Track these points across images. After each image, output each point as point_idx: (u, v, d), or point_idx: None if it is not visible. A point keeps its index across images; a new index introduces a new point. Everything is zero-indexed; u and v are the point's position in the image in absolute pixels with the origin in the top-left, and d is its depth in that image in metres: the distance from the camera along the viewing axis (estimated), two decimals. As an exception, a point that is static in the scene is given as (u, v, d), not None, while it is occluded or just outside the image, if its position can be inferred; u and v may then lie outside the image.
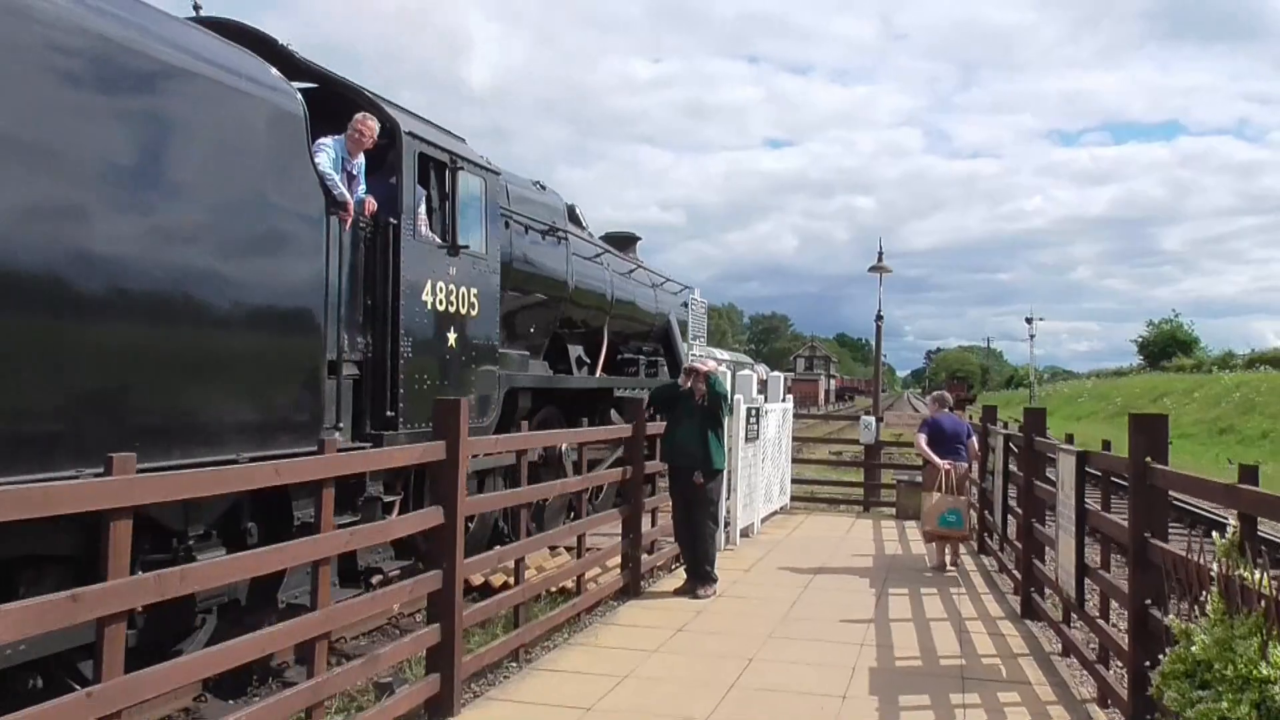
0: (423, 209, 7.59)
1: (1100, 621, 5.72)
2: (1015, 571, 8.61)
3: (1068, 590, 6.09)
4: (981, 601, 8.32)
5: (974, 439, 10.44)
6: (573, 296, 10.67)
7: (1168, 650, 4.28)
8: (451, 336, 7.74)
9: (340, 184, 6.43)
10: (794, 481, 14.53)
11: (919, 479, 11.60)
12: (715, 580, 8.14)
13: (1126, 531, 4.97)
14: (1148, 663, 4.66)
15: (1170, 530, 5.30)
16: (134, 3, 5.03)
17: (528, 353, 9.74)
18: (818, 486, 15.73)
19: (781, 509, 13.70)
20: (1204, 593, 3.79)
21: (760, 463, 11.84)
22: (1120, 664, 5.42)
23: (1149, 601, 4.68)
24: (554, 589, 7.58)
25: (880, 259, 15.79)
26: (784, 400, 13.88)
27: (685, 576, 8.31)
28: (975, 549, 10.91)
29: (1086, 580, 5.90)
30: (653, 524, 9.10)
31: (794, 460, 14.65)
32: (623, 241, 13.79)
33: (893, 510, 13.62)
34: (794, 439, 15.45)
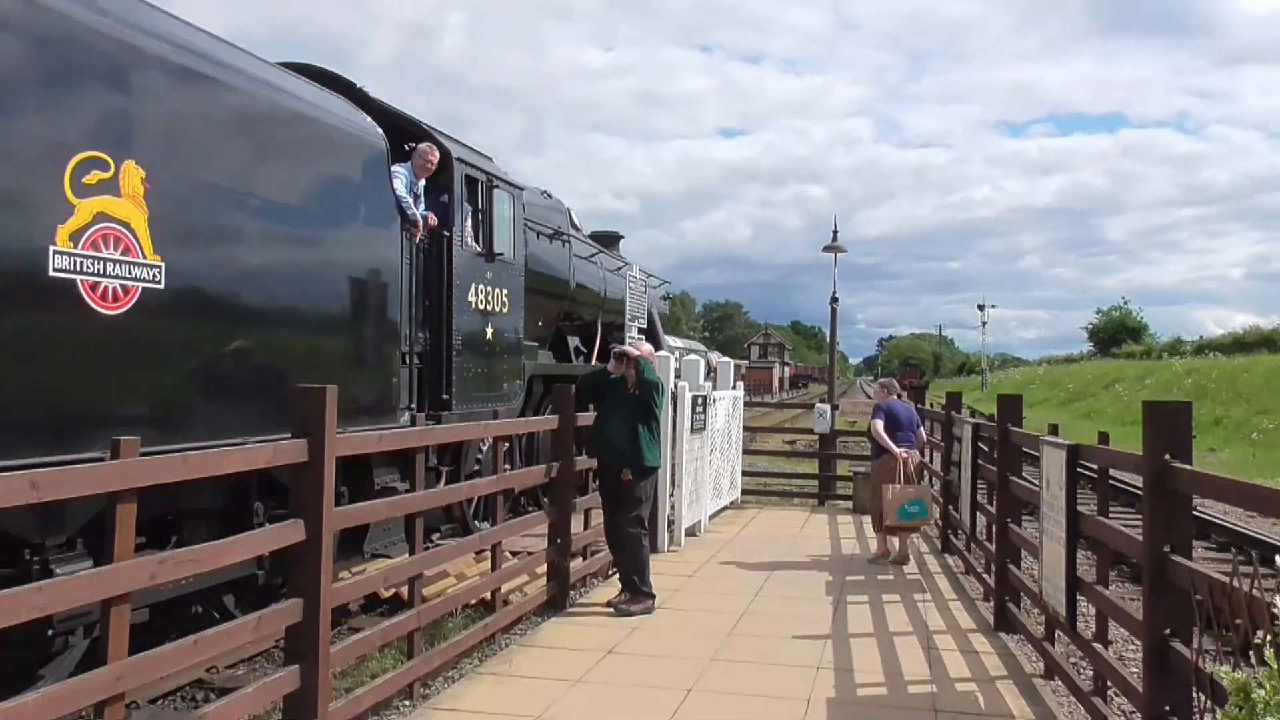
0: (468, 223, 8.85)
1: (1098, 647, 4.86)
2: (986, 576, 7.78)
3: (1055, 606, 5.23)
4: (950, 610, 7.47)
5: (922, 428, 10.00)
6: (574, 294, 12.12)
7: (1199, 696, 3.45)
8: (489, 331, 9.08)
9: (411, 205, 7.72)
10: (745, 474, 13.66)
11: (868, 469, 10.76)
12: (650, 596, 7.17)
13: (1138, 545, 4.10)
14: (1167, 707, 3.80)
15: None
16: (284, 72, 6.71)
17: (537, 343, 10.59)
18: (770, 479, 14.88)
19: (732, 504, 12.82)
20: (1263, 634, 2.91)
21: (708, 455, 10.93)
22: (1124, 698, 4.57)
23: (1169, 632, 3.81)
24: (473, 603, 6.61)
25: (835, 238, 14.96)
26: (734, 388, 12.98)
27: (620, 586, 7.37)
28: (939, 547, 10.09)
29: (1080, 597, 5.04)
30: (585, 526, 8.15)
31: (745, 451, 13.77)
32: (608, 239, 14.99)
33: (849, 504, 12.79)
34: (745, 429, 14.59)
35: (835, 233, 15.12)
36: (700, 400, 10.37)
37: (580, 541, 7.99)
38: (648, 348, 7.61)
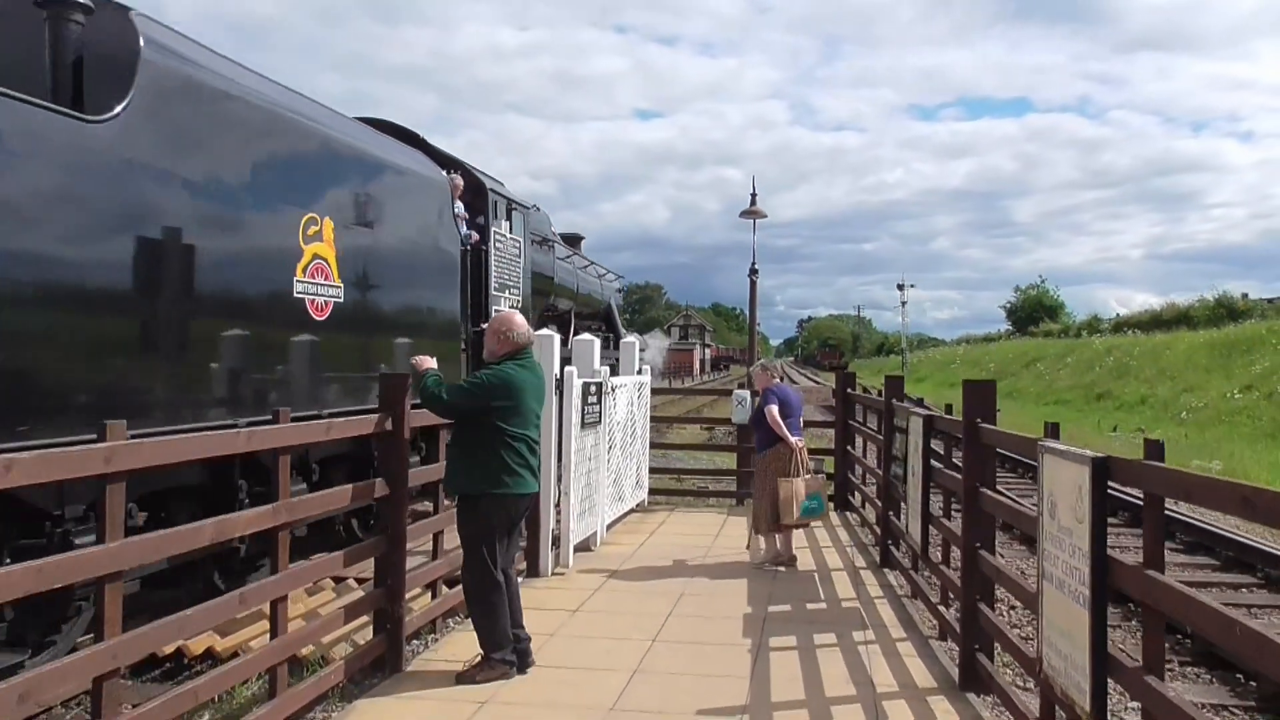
0: (497, 240, 10.93)
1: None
2: (942, 609, 6.18)
3: (1068, 689, 3.59)
4: (900, 657, 5.83)
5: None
6: (555, 289, 14.33)
7: None
8: None
9: (464, 227, 10.23)
10: (653, 471, 11.95)
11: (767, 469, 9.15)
12: (505, 664, 5.34)
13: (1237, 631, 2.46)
14: None
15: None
16: (396, 143, 9.54)
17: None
18: (684, 475, 13.19)
19: (638, 506, 11.10)
20: None
21: (605, 453, 9.17)
22: None
23: None
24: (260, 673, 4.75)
25: (754, 201, 13.33)
26: (640, 372, 11.23)
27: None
28: (877, 560, 8.50)
29: (1114, 685, 3.40)
30: (436, 554, 6.32)
31: (653, 445, 12.04)
32: (573, 240, 17.39)
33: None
34: (654, 419, 12.89)
35: (754, 195, 13.48)
36: (594, 389, 8.60)
37: (429, 575, 6.18)
38: (431, 363, 5.67)
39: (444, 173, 10.07)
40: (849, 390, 11.37)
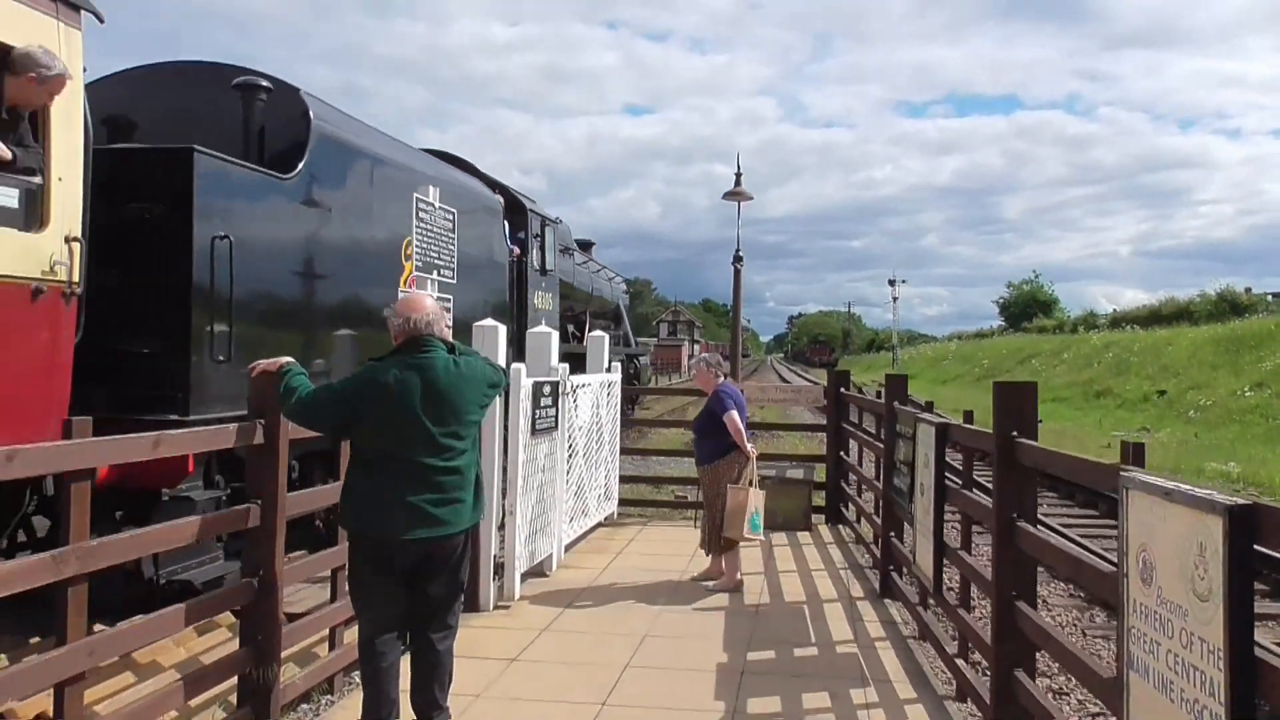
0: (535, 251, 12.86)
1: None
2: (963, 667, 5.00)
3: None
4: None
5: None
6: (573, 292, 15.66)
7: None
8: (543, 322, 12.20)
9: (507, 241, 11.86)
10: (626, 480, 10.75)
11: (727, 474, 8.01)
12: None
13: None
14: None
15: None
16: (461, 172, 11.15)
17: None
18: (660, 484, 11.98)
19: (606, 520, 9.91)
20: None
21: (564, 463, 7.97)
22: None
23: None
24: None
25: (739, 182, 12.15)
26: (608, 369, 10.02)
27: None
28: (875, 589, 7.32)
29: None
30: (333, 598, 5.10)
31: (624, 451, 10.83)
32: (585, 245, 18.63)
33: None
34: (632, 422, 11.69)
35: (738, 175, 12.28)
36: (548, 390, 7.39)
37: (324, 621, 4.98)
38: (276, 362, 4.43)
39: (496, 195, 11.74)
40: (842, 390, 10.18)
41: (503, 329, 6.71)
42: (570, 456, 8.29)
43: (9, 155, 4.41)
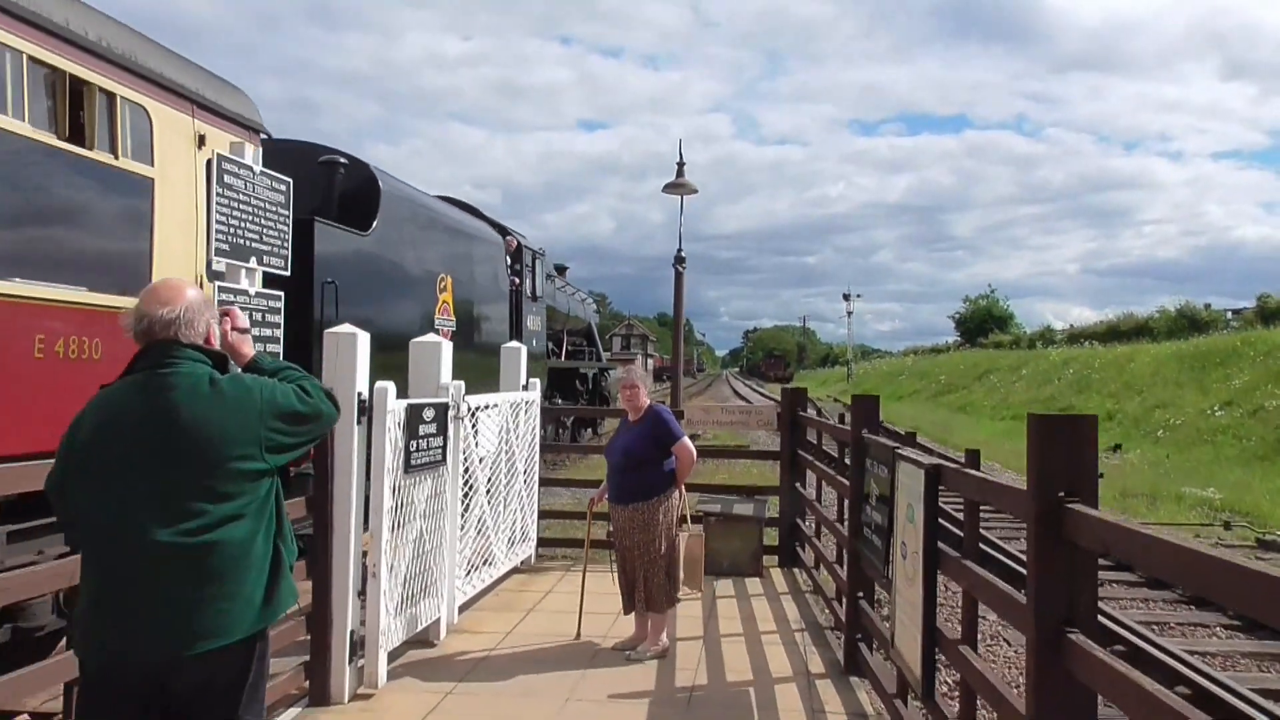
0: (528, 280, 15.33)
1: None
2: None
3: None
4: None
5: None
6: (552, 313, 17.80)
7: None
8: (534, 341, 15.39)
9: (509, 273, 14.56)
10: (545, 515, 9.24)
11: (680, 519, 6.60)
12: None
13: None
14: None
15: None
16: (472, 217, 13.69)
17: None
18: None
19: (524, 564, 8.41)
20: None
21: (453, 506, 6.45)
22: None
23: None
24: None
25: (680, 172, 10.76)
26: (525, 387, 8.51)
27: None
28: (840, 664, 5.88)
29: None
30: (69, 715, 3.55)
31: (544, 482, 9.31)
32: (560, 269, 20.44)
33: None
34: (548, 447, 10.24)
35: (680, 164, 10.87)
36: (431, 414, 5.88)
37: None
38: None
39: (497, 234, 14.15)
40: (799, 412, 8.77)
41: (362, 337, 5.19)
42: (469, 495, 6.79)
43: None
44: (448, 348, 6.45)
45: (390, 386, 5.35)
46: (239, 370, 3.06)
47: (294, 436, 2.95)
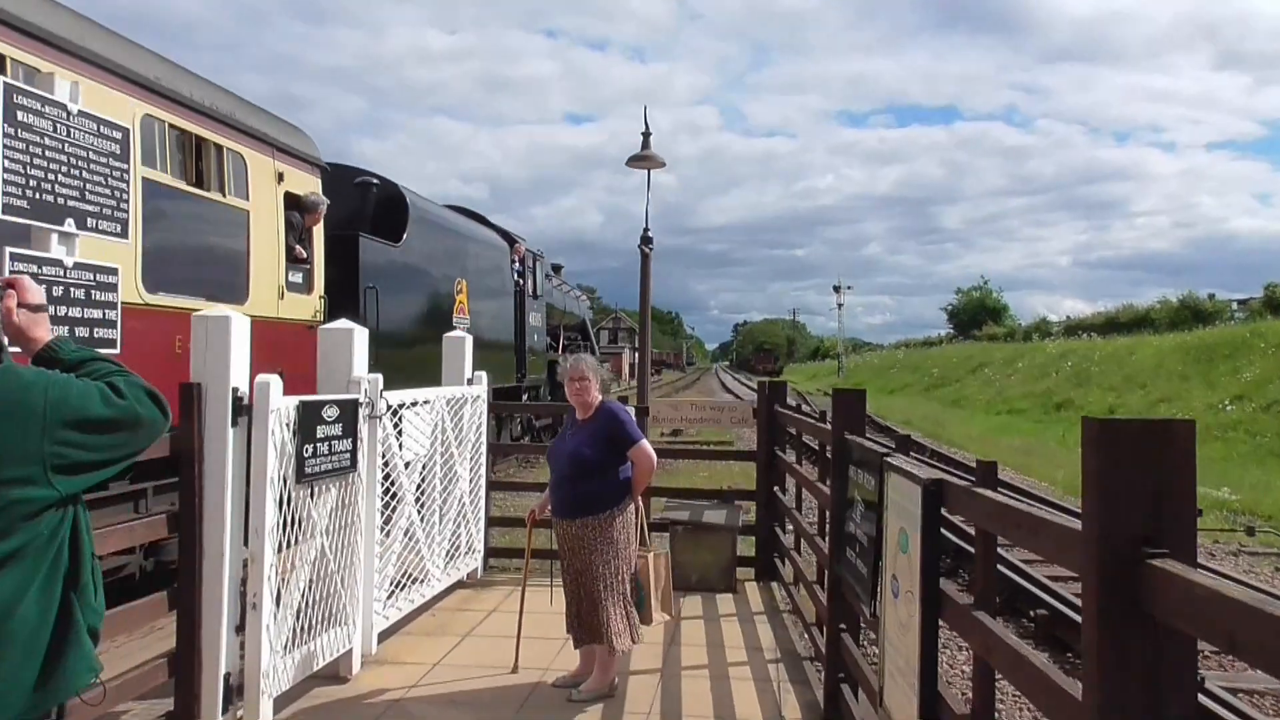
0: (529, 280, 16.57)
1: None
2: None
3: None
4: None
5: None
6: (551, 310, 19.19)
7: None
8: (535, 336, 16.95)
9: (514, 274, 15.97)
10: (494, 523, 8.31)
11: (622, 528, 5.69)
12: None
13: None
14: None
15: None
16: (480, 225, 15.19)
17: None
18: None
19: (469, 578, 7.50)
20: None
21: (369, 519, 5.53)
22: None
23: None
24: None
25: (647, 143, 9.82)
26: (470, 381, 7.58)
27: None
28: (820, 707, 4.97)
29: None
30: None
31: (495, 486, 8.36)
32: (556, 268, 21.84)
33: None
34: (505, 448, 9.29)
35: (646, 135, 9.92)
36: (334, 413, 4.95)
37: None
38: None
39: (502, 239, 15.46)
40: (776, 407, 7.84)
41: (356, 334, 4.37)
42: (394, 505, 5.87)
43: (304, 255, 8.47)
44: (361, 334, 5.51)
45: (274, 380, 4.41)
46: (14, 363, 2.18)
47: (95, 451, 2.14)
